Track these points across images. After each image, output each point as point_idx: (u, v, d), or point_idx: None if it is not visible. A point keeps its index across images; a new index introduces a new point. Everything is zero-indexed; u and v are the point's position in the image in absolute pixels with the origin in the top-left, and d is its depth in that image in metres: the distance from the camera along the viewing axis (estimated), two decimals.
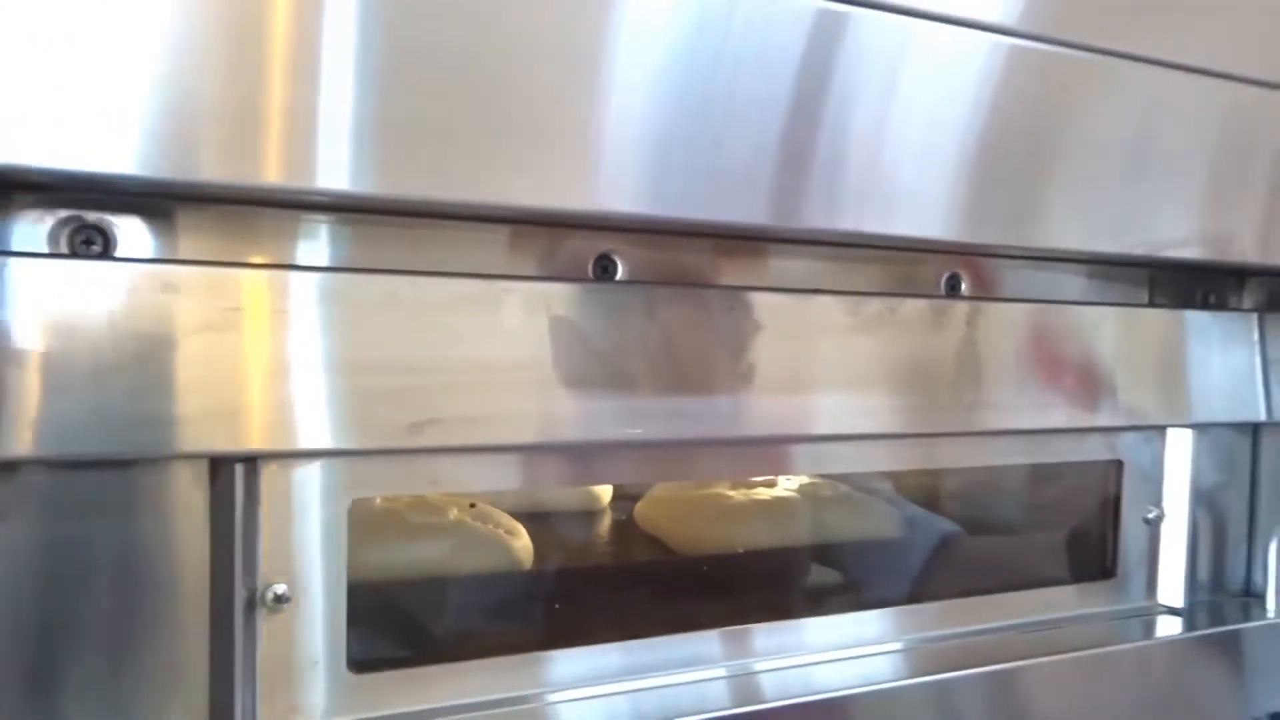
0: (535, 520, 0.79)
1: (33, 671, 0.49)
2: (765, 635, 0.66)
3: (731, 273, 0.65)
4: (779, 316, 0.62)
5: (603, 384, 0.57)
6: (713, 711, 0.59)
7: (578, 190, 0.52)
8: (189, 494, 0.51)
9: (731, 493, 0.95)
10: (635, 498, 0.92)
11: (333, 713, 0.54)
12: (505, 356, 0.55)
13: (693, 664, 0.64)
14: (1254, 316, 0.83)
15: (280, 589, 0.53)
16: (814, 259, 0.68)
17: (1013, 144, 0.63)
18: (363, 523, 0.73)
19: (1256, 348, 0.83)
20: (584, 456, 0.60)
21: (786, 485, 0.96)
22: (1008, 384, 0.70)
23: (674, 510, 0.92)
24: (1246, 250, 0.72)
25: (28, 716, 0.49)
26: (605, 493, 0.95)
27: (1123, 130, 0.67)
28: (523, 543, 0.80)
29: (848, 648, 0.68)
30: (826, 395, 0.63)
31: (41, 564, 0.48)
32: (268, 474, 0.52)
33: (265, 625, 0.53)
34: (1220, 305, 0.85)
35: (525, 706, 0.59)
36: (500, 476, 0.59)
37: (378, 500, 0.83)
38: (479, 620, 0.67)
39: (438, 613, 0.68)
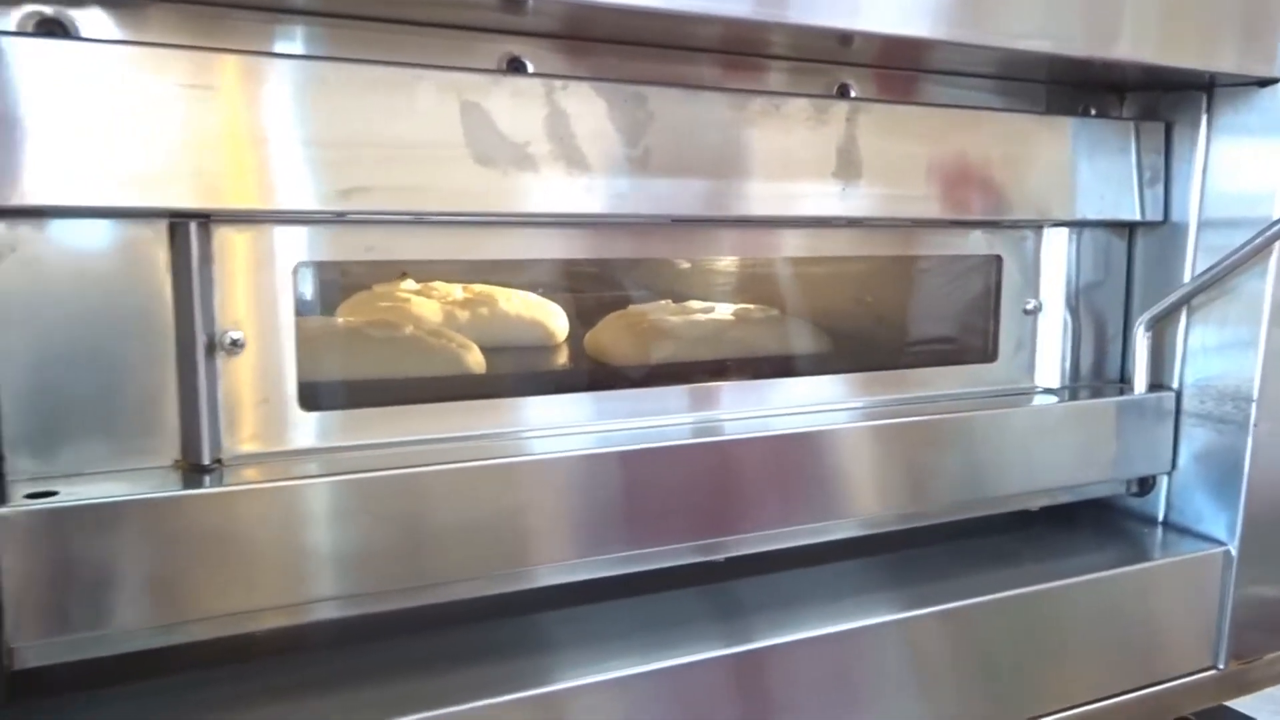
0: (490, 351, 0.88)
1: (31, 406, 0.58)
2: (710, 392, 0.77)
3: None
4: (671, 108, 0.70)
5: (509, 163, 0.65)
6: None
7: None
8: (152, 249, 0.60)
9: (670, 317, 1.04)
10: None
11: (285, 443, 0.64)
12: (421, 135, 0.63)
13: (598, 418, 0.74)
14: (1131, 124, 0.91)
15: (236, 335, 0.62)
16: (710, 65, 0.76)
17: None
18: (331, 335, 0.83)
19: (1133, 153, 0.91)
20: (495, 229, 0.69)
21: (719, 310, 1.05)
22: (887, 177, 0.78)
23: (617, 335, 1.01)
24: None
25: (31, 443, 0.58)
26: (562, 330, 1.04)
27: None
28: (475, 357, 0.89)
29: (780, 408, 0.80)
30: (714, 180, 0.72)
31: (34, 306, 0.57)
32: (220, 235, 0.61)
33: (224, 366, 0.62)
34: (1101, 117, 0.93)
35: (471, 443, 0.69)
36: (426, 246, 0.68)
37: (341, 320, 0.93)
38: (425, 389, 0.77)
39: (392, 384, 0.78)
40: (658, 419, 0.76)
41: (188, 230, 0.59)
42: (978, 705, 0.82)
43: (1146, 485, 0.95)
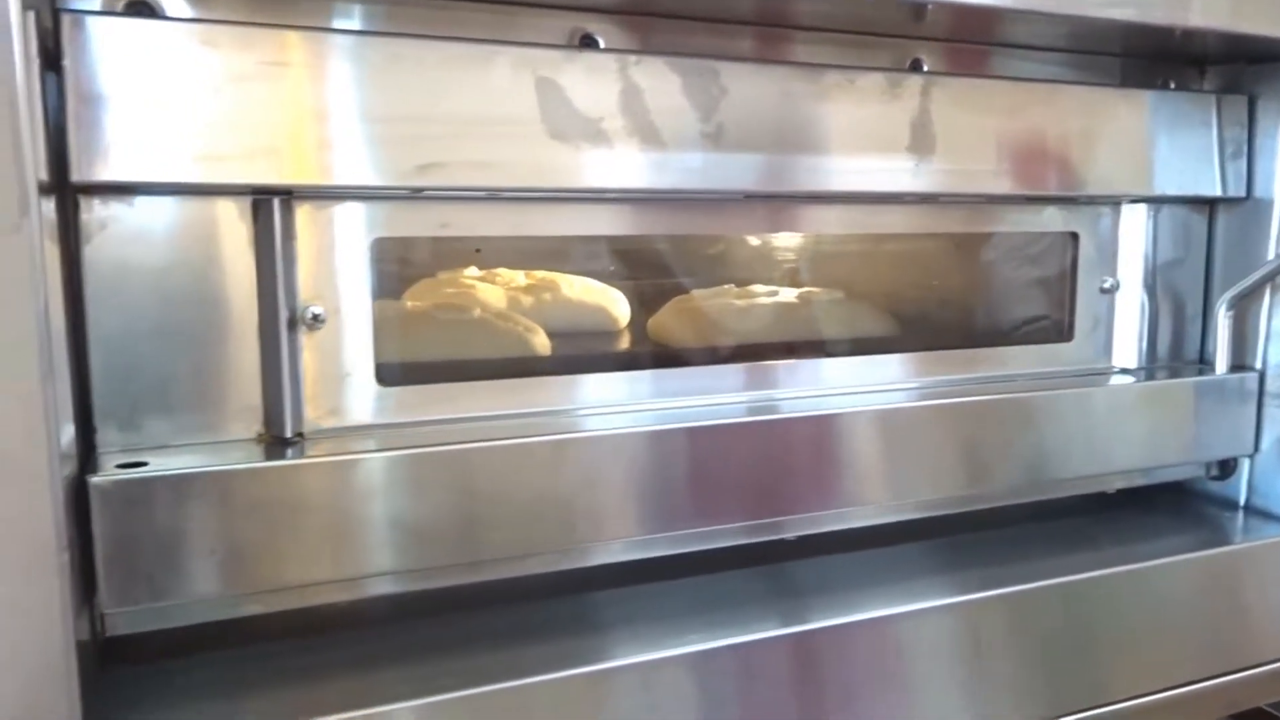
0: (554, 335, 0.89)
1: (120, 380, 0.59)
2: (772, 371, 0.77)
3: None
4: (744, 83, 0.70)
5: (582, 139, 0.65)
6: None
7: None
8: (236, 226, 0.61)
9: (735, 301, 1.04)
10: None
11: (365, 417, 0.65)
12: (496, 111, 0.63)
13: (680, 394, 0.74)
14: (1213, 97, 0.88)
15: (317, 310, 0.63)
16: (782, 40, 0.76)
17: None
18: (400, 317, 0.84)
19: (1214, 127, 0.89)
20: (568, 205, 0.69)
21: (784, 294, 1.04)
22: (960, 153, 0.77)
23: (680, 319, 1.01)
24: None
25: (120, 416, 0.60)
26: (624, 316, 1.04)
27: None
28: (540, 339, 0.90)
29: (845, 388, 0.80)
30: (786, 155, 0.71)
31: (123, 283, 0.59)
32: (301, 211, 0.62)
33: (306, 340, 0.63)
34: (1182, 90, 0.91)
35: (542, 419, 0.69)
36: (499, 222, 0.68)
37: (409, 304, 0.94)
38: (498, 367, 0.77)
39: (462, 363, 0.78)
40: (722, 397, 0.76)
41: (270, 207, 0.60)
42: (1050, 690, 0.80)
43: (1227, 468, 0.93)
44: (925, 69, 0.81)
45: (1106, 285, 0.89)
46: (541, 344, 0.88)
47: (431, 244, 0.98)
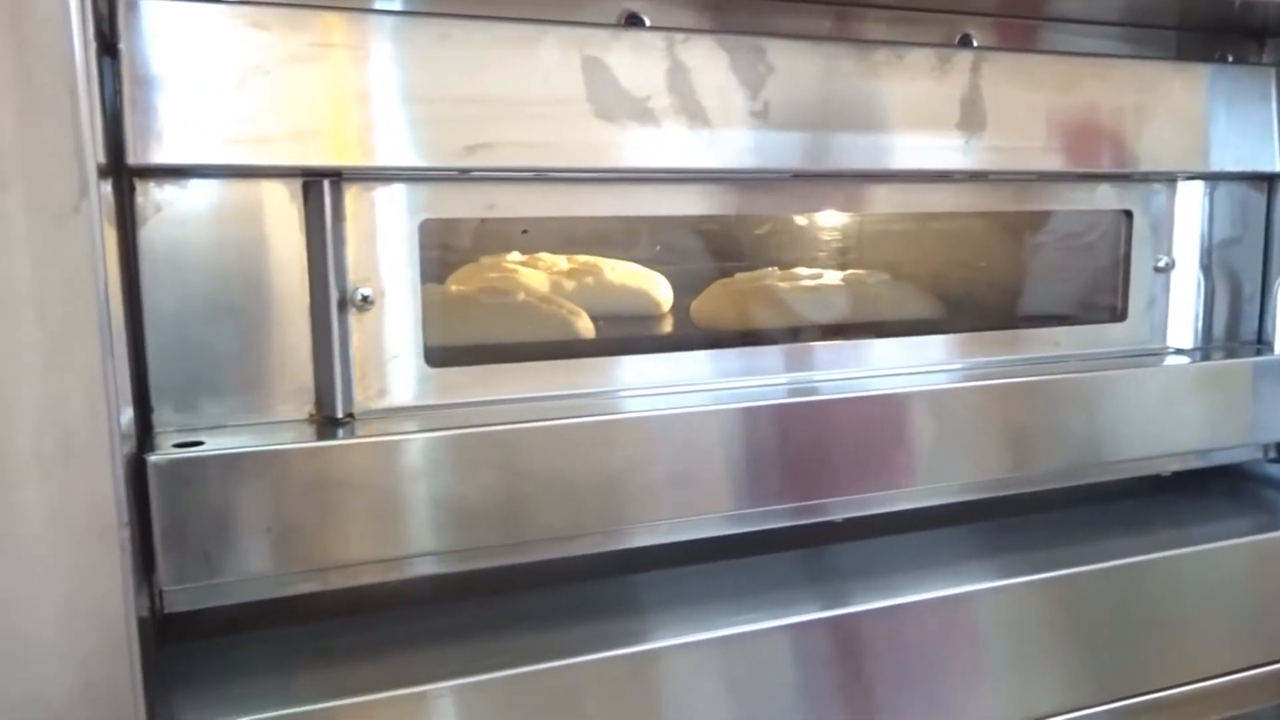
0: (597, 319, 0.89)
1: (175, 360, 0.60)
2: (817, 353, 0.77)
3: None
4: (792, 61, 0.69)
5: (630, 118, 0.65)
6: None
7: None
8: (287, 208, 0.61)
9: (779, 283, 1.03)
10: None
11: (414, 398, 0.66)
12: (543, 91, 0.63)
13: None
14: (1272, 70, 0.86)
15: (366, 291, 0.63)
16: (829, 16, 0.75)
17: None
18: (446, 300, 0.85)
19: (1273, 101, 0.86)
20: (615, 185, 0.69)
21: (828, 276, 1.03)
22: (1011, 129, 0.76)
23: (724, 302, 1.01)
24: None
25: (175, 396, 0.61)
26: (667, 300, 1.04)
27: None
28: (584, 323, 0.90)
29: (892, 369, 0.79)
30: (835, 133, 0.70)
31: (178, 264, 0.59)
32: (351, 193, 0.62)
33: (355, 321, 0.64)
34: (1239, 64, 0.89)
35: (587, 400, 0.69)
36: (547, 203, 0.68)
37: (454, 287, 0.95)
38: (543, 349, 0.78)
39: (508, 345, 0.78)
40: (766, 379, 0.75)
41: (321, 188, 0.61)
42: (1103, 674, 0.79)
43: None
44: (975, 44, 0.79)
45: (1161, 264, 0.88)
46: (585, 327, 0.88)
47: (476, 227, 0.99)
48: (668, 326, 1.02)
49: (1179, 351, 0.88)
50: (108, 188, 0.53)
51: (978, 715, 0.74)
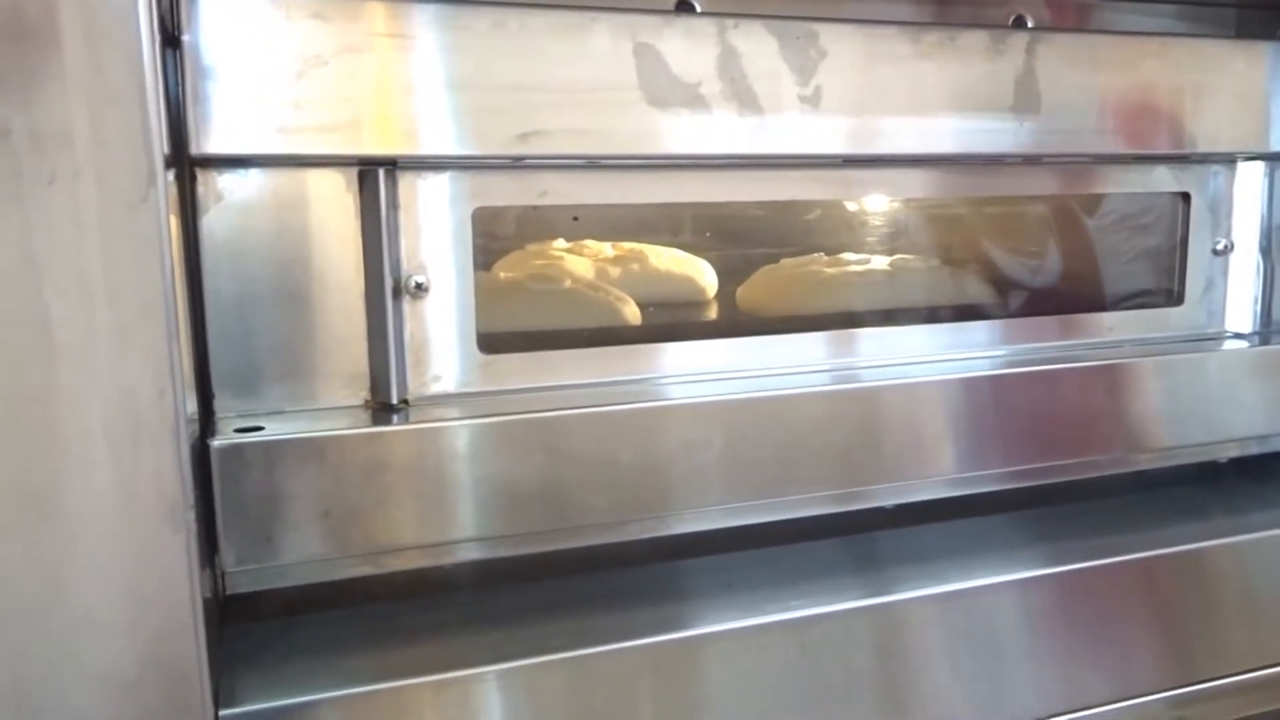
0: (643, 305, 0.89)
1: (235, 347, 0.61)
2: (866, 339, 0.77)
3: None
4: (843, 45, 0.68)
5: (681, 105, 0.65)
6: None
7: None
8: (343, 196, 0.62)
9: (826, 269, 1.02)
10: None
11: (467, 384, 0.66)
12: (595, 78, 0.63)
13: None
14: None
15: (420, 279, 0.64)
16: (886, 1, 0.74)
17: None
18: (495, 288, 0.85)
19: None
20: (666, 172, 0.69)
21: (875, 262, 1.03)
22: (1067, 111, 0.75)
23: (770, 288, 1.00)
24: None
25: (234, 383, 0.62)
26: (712, 286, 1.04)
27: None
28: (631, 309, 0.90)
29: (943, 354, 0.79)
30: (887, 117, 0.70)
31: (237, 252, 0.60)
32: (405, 182, 0.63)
33: (409, 309, 0.64)
34: None
35: (635, 386, 0.69)
36: (598, 190, 0.68)
37: (503, 274, 0.95)
38: (591, 336, 0.78)
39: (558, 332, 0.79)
40: (815, 365, 0.75)
41: (376, 177, 0.62)
42: (1159, 662, 0.78)
43: None
44: (1029, 25, 0.78)
45: (1220, 247, 0.86)
46: (633, 313, 0.89)
47: (521, 214, 0.99)
48: (713, 313, 1.02)
49: (1237, 335, 0.87)
50: (172, 177, 0.54)
51: (1030, 702, 0.74)
